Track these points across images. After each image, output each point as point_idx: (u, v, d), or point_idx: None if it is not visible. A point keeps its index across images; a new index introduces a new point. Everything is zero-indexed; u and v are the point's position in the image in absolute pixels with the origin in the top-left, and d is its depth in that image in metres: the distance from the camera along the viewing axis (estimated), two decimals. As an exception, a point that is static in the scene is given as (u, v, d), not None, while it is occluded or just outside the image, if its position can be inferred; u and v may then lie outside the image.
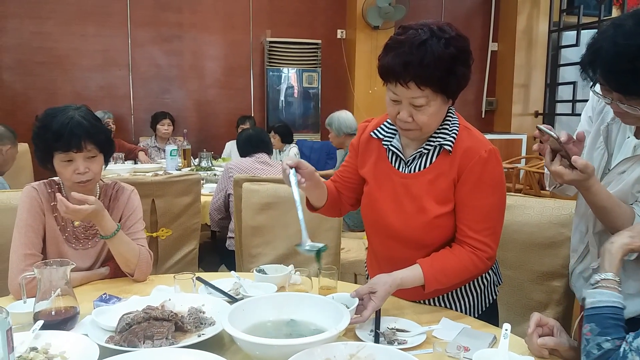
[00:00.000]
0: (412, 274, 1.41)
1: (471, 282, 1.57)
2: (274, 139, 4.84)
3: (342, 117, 3.88)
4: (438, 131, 1.45)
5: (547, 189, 1.73)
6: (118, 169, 3.91)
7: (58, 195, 1.61)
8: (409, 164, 1.49)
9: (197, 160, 4.64)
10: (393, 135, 1.52)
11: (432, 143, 1.45)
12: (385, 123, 1.56)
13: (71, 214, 1.57)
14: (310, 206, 1.62)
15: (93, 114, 1.70)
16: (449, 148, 1.43)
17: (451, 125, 1.45)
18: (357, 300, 1.36)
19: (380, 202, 1.52)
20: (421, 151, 1.47)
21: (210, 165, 4.50)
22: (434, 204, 1.44)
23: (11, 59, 5.63)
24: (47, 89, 5.75)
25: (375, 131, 1.55)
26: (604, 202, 1.34)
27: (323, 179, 1.56)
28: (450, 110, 1.47)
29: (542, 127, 1.30)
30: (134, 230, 1.80)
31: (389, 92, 1.38)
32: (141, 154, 5.03)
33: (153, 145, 5.33)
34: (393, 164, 1.52)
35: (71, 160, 1.63)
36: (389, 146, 1.52)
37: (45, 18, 5.66)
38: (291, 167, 1.37)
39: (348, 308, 1.32)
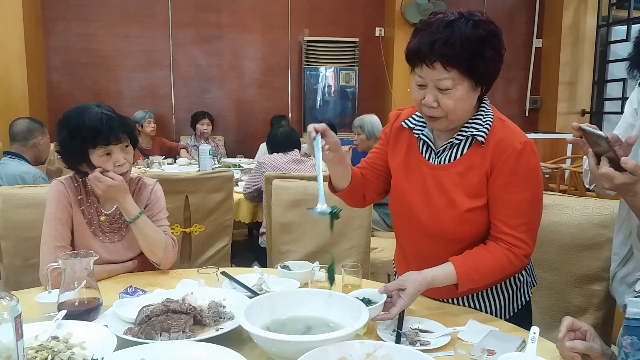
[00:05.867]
0: (444, 272, 1.34)
1: (503, 282, 1.50)
2: None
3: (374, 121, 3.77)
4: (471, 121, 1.39)
5: (586, 186, 1.63)
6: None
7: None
8: (439, 154, 1.43)
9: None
10: (424, 126, 1.47)
11: (464, 133, 1.39)
12: (417, 113, 1.50)
13: (101, 185, 1.64)
14: (332, 187, 1.55)
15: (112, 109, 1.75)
16: (482, 139, 1.36)
17: (485, 116, 1.39)
18: (384, 297, 1.31)
19: (409, 195, 1.46)
20: (452, 142, 1.40)
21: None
22: (464, 197, 1.38)
23: (58, 60, 5.85)
24: (92, 89, 5.93)
25: (407, 121, 1.50)
26: None
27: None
28: (485, 102, 1.41)
29: (586, 126, 1.19)
30: (157, 219, 1.82)
31: (415, 77, 1.34)
32: (183, 152, 5.13)
33: (193, 144, 5.43)
34: (424, 155, 1.46)
35: (109, 153, 1.67)
36: (420, 135, 1.46)
37: (90, 20, 5.84)
38: (317, 132, 1.33)
39: (375, 304, 1.29)
